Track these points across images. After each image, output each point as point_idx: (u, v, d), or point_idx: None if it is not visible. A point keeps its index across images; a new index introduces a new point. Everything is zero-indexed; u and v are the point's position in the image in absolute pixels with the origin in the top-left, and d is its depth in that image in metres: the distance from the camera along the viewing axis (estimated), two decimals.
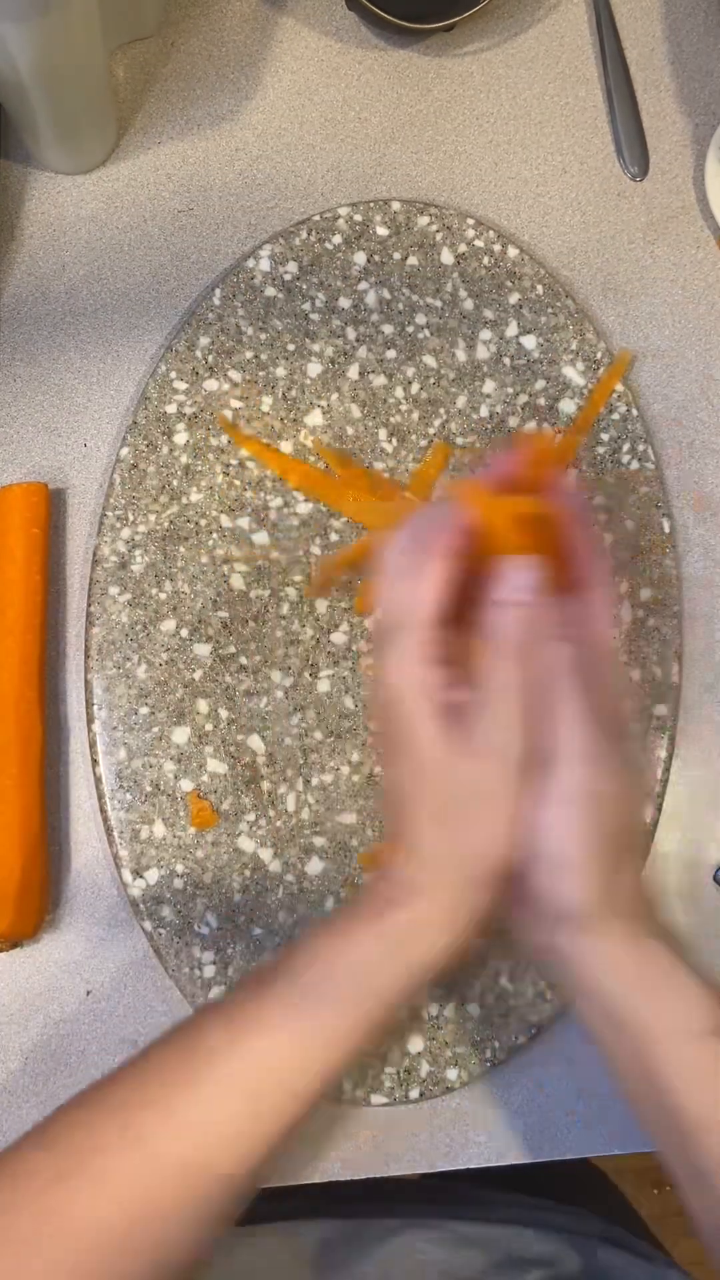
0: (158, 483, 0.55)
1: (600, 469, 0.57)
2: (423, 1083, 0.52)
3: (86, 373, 0.57)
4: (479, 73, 0.61)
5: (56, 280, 0.58)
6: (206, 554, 0.55)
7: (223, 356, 0.56)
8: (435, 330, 0.57)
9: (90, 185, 0.59)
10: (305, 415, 0.56)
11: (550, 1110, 0.54)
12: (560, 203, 0.60)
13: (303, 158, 0.60)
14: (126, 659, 0.54)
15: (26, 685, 0.53)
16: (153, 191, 0.59)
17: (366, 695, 0.55)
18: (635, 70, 0.61)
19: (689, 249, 0.61)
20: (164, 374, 0.56)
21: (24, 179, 0.58)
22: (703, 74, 0.62)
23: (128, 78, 0.60)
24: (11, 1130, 0.52)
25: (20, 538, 0.53)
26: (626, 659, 0.55)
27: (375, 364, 0.57)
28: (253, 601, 0.55)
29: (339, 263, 0.57)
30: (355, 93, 0.61)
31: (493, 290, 0.58)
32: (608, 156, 0.61)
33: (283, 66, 0.60)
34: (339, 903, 0.53)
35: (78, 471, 0.57)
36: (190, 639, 0.54)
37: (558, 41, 0.62)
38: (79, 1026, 0.53)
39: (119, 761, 0.53)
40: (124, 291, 0.58)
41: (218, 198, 0.59)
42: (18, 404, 0.57)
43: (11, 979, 0.53)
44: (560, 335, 0.58)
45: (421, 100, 0.61)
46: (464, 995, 0.53)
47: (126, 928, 0.54)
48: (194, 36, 0.60)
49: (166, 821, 0.53)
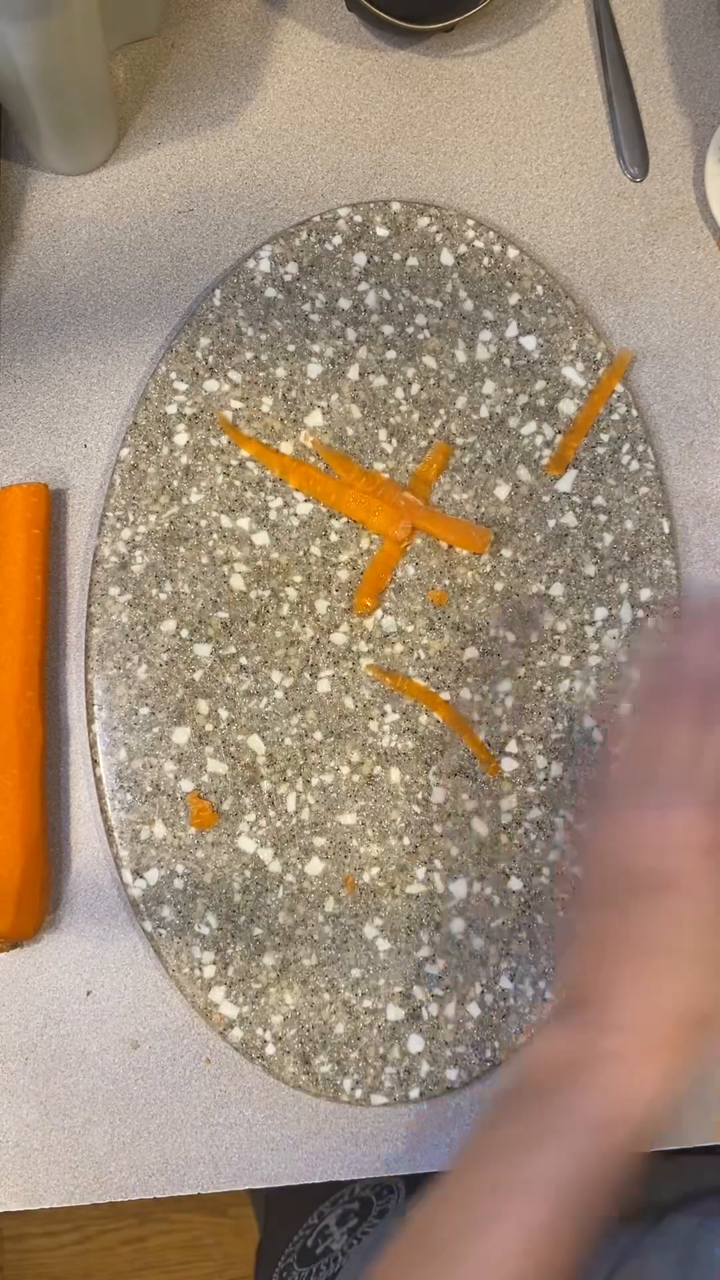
0: (158, 483, 0.55)
1: (600, 469, 0.57)
2: (423, 1083, 0.52)
3: (87, 373, 0.57)
4: (479, 73, 0.61)
5: (56, 281, 0.58)
6: (207, 554, 0.55)
7: (223, 357, 0.56)
8: (435, 331, 0.57)
9: (90, 186, 0.59)
10: (305, 416, 0.56)
11: None
12: (560, 203, 0.61)
13: (303, 158, 0.60)
14: (127, 659, 0.54)
15: (27, 685, 0.53)
16: (153, 192, 0.59)
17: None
18: (635, 70, 0.61)
19: (689, 249, 0.61)
20: (164, 374, 0.56)
21: (24, 179, 0.58)
22: (703, 74, 0.62)
23: (128, 78, 0.60)
24: (12, 1130, 0.52)
25: (21, 538, 0.53)
26: (626, 659, 0.56)
27: (375, 364, 0.57)
28: (253, 601, 0.55)
29: (339, 263, 0.57)
30: (355, 93, 0.61)
31: (492, 291, 0.58)
32: (608, 157, 0.61)
33: (283, 67, 0.60)
34: (339, 903, 0.53)
35: (78, 472, 0.57)
36: (190, 639, 0.54)
37: (558, 42, 0.62)
38: (79, 1026, 0.53)
39: (119, 762, 0.53)
40: (124, 292, 0.58)
41: (218, 198, 0.59)
42: (18, 404, 0.57)
43: (11, 979, 0.53)
44: (560, 336, 0.58)
45: (421, 101, 0.61)
46: (464, 995, 0.53)
47: (126, 928, 0.54)
48: (194, 37, 0.60)
49: (166, 822, 0.53)
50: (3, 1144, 0.52)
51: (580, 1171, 0.38)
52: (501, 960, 0.53)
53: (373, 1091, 0.52)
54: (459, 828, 0.54)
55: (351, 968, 0.53)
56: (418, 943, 0.53)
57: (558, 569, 0.56)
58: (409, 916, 0.53)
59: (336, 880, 0.53)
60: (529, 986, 0.53)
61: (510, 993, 0.53)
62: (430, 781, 0.54)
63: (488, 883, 0.54)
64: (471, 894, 0.54)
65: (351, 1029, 0.52)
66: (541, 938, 0.53)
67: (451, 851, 0.54)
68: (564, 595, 0.56)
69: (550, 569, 0.56)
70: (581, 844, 0.45)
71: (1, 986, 0.53)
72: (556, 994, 0.42)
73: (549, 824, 0.54)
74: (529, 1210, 0.38)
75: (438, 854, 0.54)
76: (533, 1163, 0.38)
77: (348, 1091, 0.52)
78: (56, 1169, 0.52)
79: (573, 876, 0.46)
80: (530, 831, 0.54)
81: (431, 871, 0.54)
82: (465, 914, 0.53)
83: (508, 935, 0.53)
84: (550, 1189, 0.38)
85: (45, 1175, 0.52)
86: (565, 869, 0.53)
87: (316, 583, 0.55)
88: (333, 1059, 0.52)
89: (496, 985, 0.53)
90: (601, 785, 0.43)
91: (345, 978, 0.53)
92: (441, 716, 0.55)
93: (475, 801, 0.54)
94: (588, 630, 0.56)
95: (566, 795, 0.54)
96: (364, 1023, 0.52)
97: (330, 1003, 0.52)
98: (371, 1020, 0.53)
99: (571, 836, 0.48)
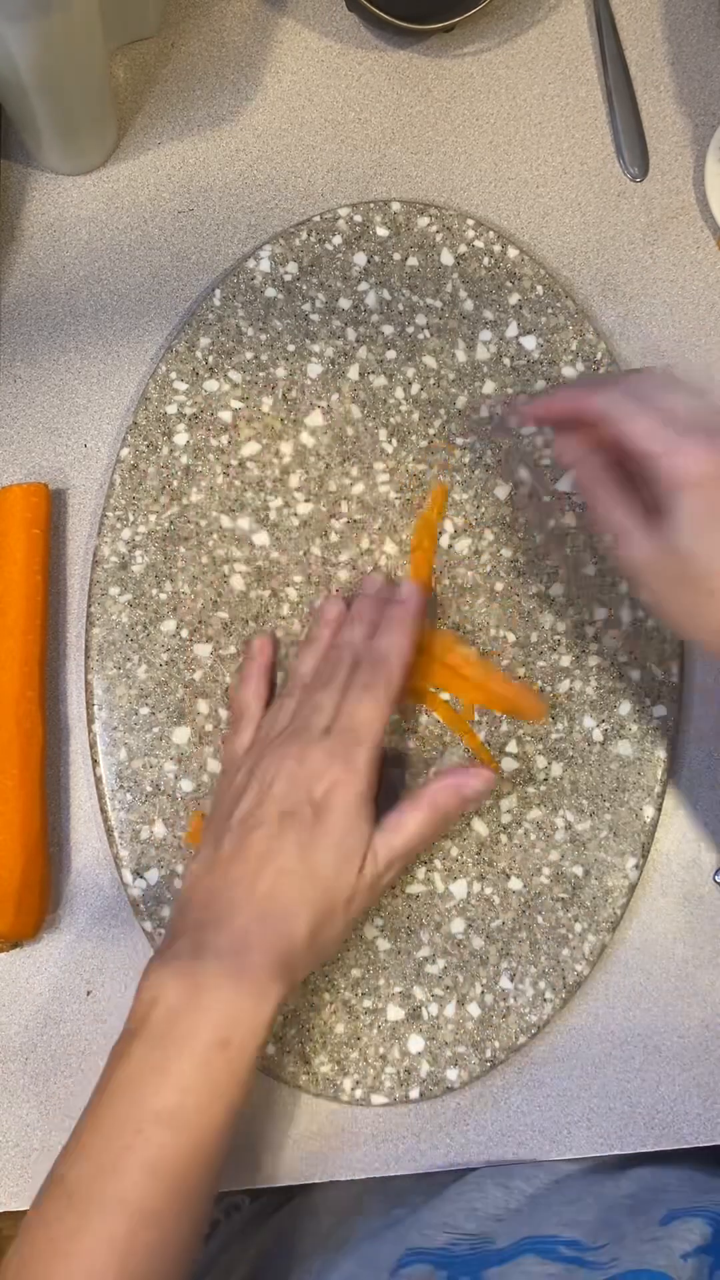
0: (158, 483, 0.55)
1: None
2: (423, 1083, 0.52)
3: (87, 373, 0.57)
4: (479, 73, 0.61)
5: (56, 281, 0.58)
6: (207, 554, 0.55)
7: (223, 357, 0.56)
8: (435, 331, 0.57)
9: (90, 186, 0.59)
10: (305, 416, 0.56)
11: (550, 1110, 0.54)
12: (560, 203, 0.61)
13: (303, 158, 0.60)
14: (127, 659, 0.54)
15: (27, 686, 0.53)
16: (153, 192, 0.59)
17: None
18: (635, 70, 0.61)
19: (689, 249, 0.61)
20: (164, 374, 0.56)
21: (24, 179, 0.58)
22: (703, 74, 0.62)
23: (128, 78, 0.60)
24: (12, 1130, 0.52)
25: (21, 538, 0.53)
26: (626, 659, 0.56)
27: (375, 364, 0.57)
28: (253, 601, 0.55)
29: (339, 263, 0.57)
30: (355, 93, 0.61)
31: (493, 291, 0.58)
32: (608, 156, 0.61)
33: (283, 67, 0.60)
34: None
35: (78, 472, 0.57)
36: (190, 639, 0.54)
37: (558, 41, 0.62)
38: (79, 1026, 0.53)
39: (119, 762, 0.53)
40: (124, 292, 0.58)
41: (218, 198, 0.59)
42: (18, 404, 0.57)
43: (11, 979, 0.53)
44: (560, 336, 0.58)
45: (421, 101, 0.61)
46: (464, 995, 0.53)
47: (126, 928, 0.54)
48: (194, 37, 0.60)
49: (166, 822, 0.53)
50: (3, 1144, 0.52)
51: (198, 1097, 0.42)
52: (501, 960, 0.53)
53: (373, 1091, 0.52)
54: (459, 828, 0.54)
55: (351, 968, 0.53)
56: (418, 943, 0.53)
57: (558, 569, 0.56)
58: (409, 916, 0.53)
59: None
60: (529, 986, 0.53)
61: (510, 993, 0.53)
62: None
63: (488, 883, 0.54)
64: (471, 894, 0.54)
65: (351, 1029, 0.52)
66: (542, 938, 0.53)
67: (451, 851, 0.54)
68: (564, 595, 0.56)
69: (550, 569, 0.56)
70: (232, 760, 0.51)
71: (1, 986, 0.53)
72: (182, 917, 0.46)
73: (549, 824, 0.54)
74: (155, 1144, 0.41)
75: (438, 854, 0.54)
76: (157, 1095, 0.42)
77: (348, 1091, 0.52)
78: None
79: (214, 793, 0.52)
80: (530, 831, 0.54)
81: (431, 871, 0.54)
82: (465, 914, 0.53)
83: (508, 935, 0.53)
84: (174, 1119, 0.41)
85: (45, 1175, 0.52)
86: None
87: (316, 583, 0.55)
88: (333, 1059, 0.52)
89: (496, 985, 0.53)
90: (270, 722, 0.51)
91: (345, 978, 0.53)
92: (441, 716, 0.55)
93: None
94: (588, 630, 0.56)
95: (567, 795, 0.54)
96: (364, 1023, 0.52)
97: (330, 1002, 0.52)
98: (371, 1020, 0.53)
99: (227, 752, 0.52)
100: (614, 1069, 0.54)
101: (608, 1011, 0.55)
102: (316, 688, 0.50)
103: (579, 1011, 0.55)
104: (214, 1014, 0.43)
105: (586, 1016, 0.55)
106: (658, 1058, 0.54)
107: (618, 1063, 0.54)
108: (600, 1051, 0.54)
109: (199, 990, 0.43)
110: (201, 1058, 0.42)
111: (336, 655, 0.51)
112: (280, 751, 0.48)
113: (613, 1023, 0.55)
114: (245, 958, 0.43)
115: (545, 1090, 0.54)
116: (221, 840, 0.47)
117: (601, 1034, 0.55)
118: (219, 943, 0.44)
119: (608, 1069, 0.54)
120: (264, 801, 0.47)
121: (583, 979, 0.53)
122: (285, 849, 0.45)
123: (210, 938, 0.44)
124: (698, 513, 0.42)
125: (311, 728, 0.48)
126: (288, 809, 0.46)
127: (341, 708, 0.48)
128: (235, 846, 0.46)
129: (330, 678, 0.50)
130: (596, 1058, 0.54)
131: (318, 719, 0.48)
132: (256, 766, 0.48)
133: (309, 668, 0.52)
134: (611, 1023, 0.55)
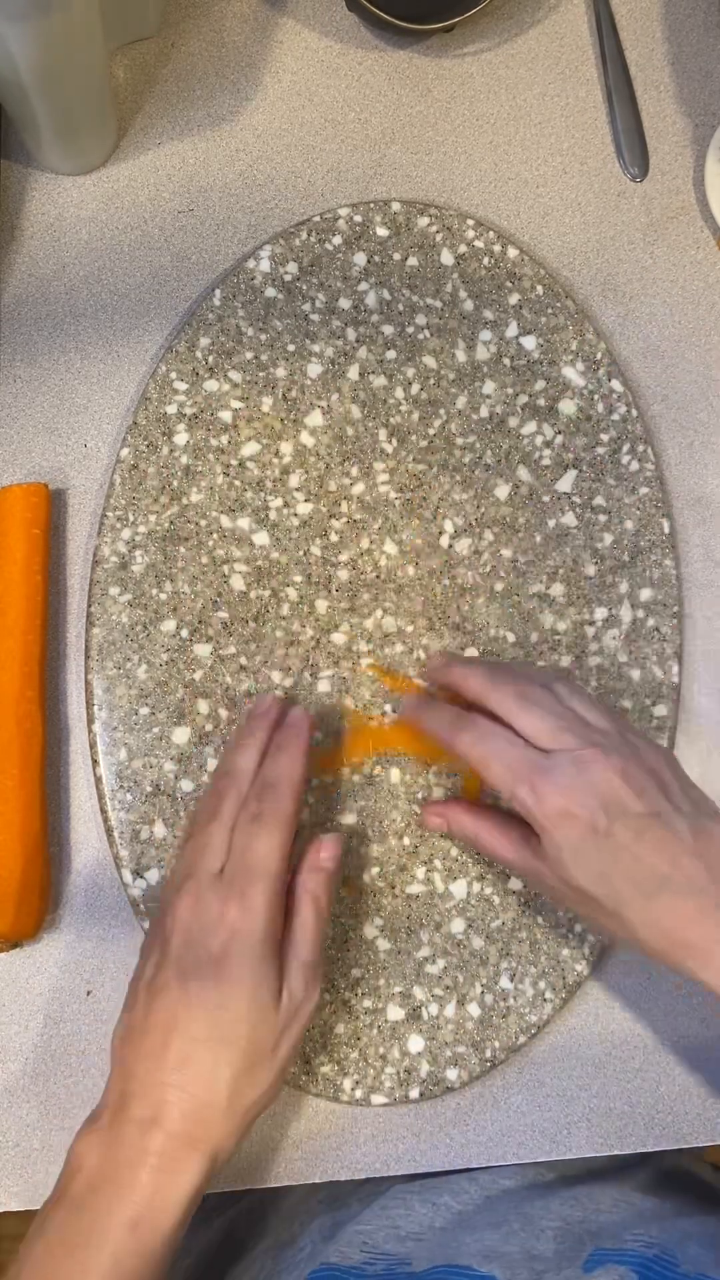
0: (158, 483, 0.55)
1: (600, 469, 0.57)
2: (423, 1083, 0.52)
3: (87, 373, 0.57)
4: (479, 73, 0.61)
5: (56, 280, 0.58)
6: (207, 554, 0.55)
7: (223, 357, 0.56)
8: (435, 331, 0.57)
9: (90, 186, 0.59)
10: (305, 416, 0.56)
11: (550, 1110, 0.54)
12: (560, 203, 0.61)
13: (303, 158, 0.60)
14: (127, 659, 0.54)
15: (27, 685, 0.53)
16: (153, 192, 0.59)
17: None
18: (635, 70, 0.61)
19: (689, 249, 0.61)
20: (164, 374, 0.56)
21: (24, 179, 0.58)
22: (703, 74, 0.62)
23: (128, 78, 0.60)
24: (12, 1130, 0.52)
25: (21, 538, 0.53)
26: (626, 659, 0.56)
27: (375, 364, 0.57)
28: (253, 601, 0.55)
29: (339, 263, 0.57)
30: (355, 93, 0.61)
31: (492, 291, 0.58)
32: (608, 157, 0.61)
33: (283, 67, 0.60)
34: (339, 903, 0.53)
35: (78, 472, 0.57)
36: (190, 639, 0.54)
37: (558, 41, 0.62)
38: (79, 1026, 0.53)
39: (119, 762, 0.53)
40: (124, 292, 0.58)
41: (218, 198, 0.59)
42: (18, 404, 0.57)
43: (11, 979, 0.53)
44: (560, 335, 0.58)
45: (421, 101, 0.61)
46: (464, 995, 0.53)
47: (126, 928, 0.54)
48: (194, 37, 0.60)
49: (166, 822, 0.53)
50: (3, 1144, 0.52)
51: (117, 1270, 0.41)
52: (501, 960, 0.53)
53: (373, 1091, 0.52)
54: None
55: (351, 968, 0.53)
56: (418, 943, 0.53)
57: (558, 569, 0.56)
58: (409, 916, 0.53)
59: (335, 881, 0.53)
60: (529, 986, 0.53)
61: (510, 993, 0.53)
62: (430, 781, 0.54)
63: (487, 883, 0.54)
64: (471, 894, 0.54)
65: (351, 1029, 0.52)
66: (541, 938, 0.53)
67: (451, 851, 0.54)
68: (564, 595, 0.56)
69: (550, 569, 0.56)
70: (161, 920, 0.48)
71: (1, 986, 0.53)
72: (111, 1083, 0.45)
73: None
74: None
75: (438, 854, 0.54)
76: (77, 1268, 0.41)
77: (348, 1091, 0.52)
78: (56, 1169, 0.52)
79: None
80: None
81: (431, 871, 0.54)
82: (465, 914, 0.53)
83: (508, 935, 0.53)
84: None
85: (45, 1175, 0.52)
86: None
87: (316, 583, 0.55)
88: (333, 1059, 0.52)
89: (496, 985, 0.53)
90: (173, 868, 0.49)
91: (345, 978, 0.53)
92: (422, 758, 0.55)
93: None
94: (588, 630, 0.56)
95: None
96: (364, 1023, 0.52)
97: (330, 1002, 0.52)
98: (371, 1020, 0.53)
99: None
100: (614, 1069, 0.54)
101: (608, 1011, 0.55)
102: (205, 822, 0.48)
103: (579, 1011, 0.55)
104: (126, 1191, 0.42)
105: (586, 1016, 0.55)
106: (658, 1058, 0.54)
107: (618, 1063, 0.54)
108: (600, 1051, 0.54)
109: (115, 1165, 0.42)
110: (113, 1243, 0.41)
111: (225, 785, 0.49)
112: (176, 902, 0.46)
113: (613, 1023, 0.55)
114: (158, 1132, 0.42)
115: (545, 1090, 0.54)
116: (135, 1006, 0.45)
117: (601, 1034, 0.55)
118: (139, 1114, 0.43)
119: (608, 1069, 0.54)
120: (164, 964, 0.45)
121: (583, 979, 0.53)
122: (193, 1015, 0.43)
123: (130, 1110, 0.43)
124: (568, 844, 0.44)
125: (201, 870, 0.46)
126: (187, 968, 0.44)
127: (233, 844, 0.47)
128: (144, 1015, 0.45)
129: (216, 810, 0.48)
130: (596, 1058, 0.54)
131: (209, 859, 0.47)
132: (163, 917, 0.47)
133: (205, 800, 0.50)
134: (611, 1023, 0.55)
